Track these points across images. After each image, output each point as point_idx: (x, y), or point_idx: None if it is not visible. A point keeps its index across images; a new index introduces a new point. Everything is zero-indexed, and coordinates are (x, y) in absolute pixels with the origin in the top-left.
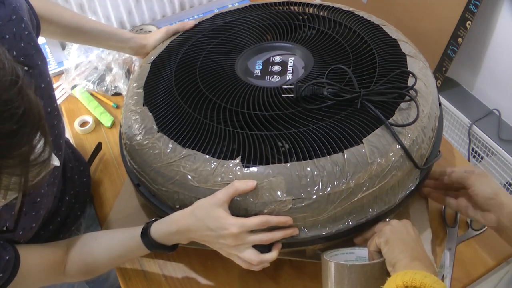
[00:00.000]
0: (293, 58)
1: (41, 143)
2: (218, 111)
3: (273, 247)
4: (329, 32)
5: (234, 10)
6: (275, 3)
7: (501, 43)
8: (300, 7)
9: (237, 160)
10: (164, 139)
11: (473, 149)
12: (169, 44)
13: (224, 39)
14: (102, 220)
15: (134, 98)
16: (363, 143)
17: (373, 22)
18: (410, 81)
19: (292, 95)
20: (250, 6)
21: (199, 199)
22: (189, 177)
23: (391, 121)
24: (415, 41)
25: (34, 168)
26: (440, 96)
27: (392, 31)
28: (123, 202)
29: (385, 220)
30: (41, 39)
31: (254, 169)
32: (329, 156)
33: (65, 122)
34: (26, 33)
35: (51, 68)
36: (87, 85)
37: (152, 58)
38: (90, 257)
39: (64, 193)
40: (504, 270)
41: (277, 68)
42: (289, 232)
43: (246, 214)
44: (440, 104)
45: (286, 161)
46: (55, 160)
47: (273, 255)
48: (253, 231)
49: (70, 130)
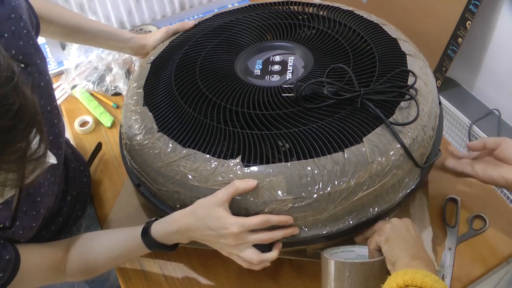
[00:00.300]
0: (293, 58)
1: (36, 139)
2: (218, 110)
3: (273, 246)
4: (329, 32)
5: (234, 10)
6: (275, 3)
7: (501, 43)
8: (300, 7)
9: (238, 160)
10: (164, 139)
11: None
12: (169, 44)
13: (224, 39)
14: (102, 220)
15: (134, 98)
16: (363, 142)
17: (372, 22)
18: (410, 80)
19: (292, 94)
20: (250, 6)
21: (199, 198)
22: (190, 176)
23: (391, 120)
24: (415, 41)
25: (29, 164)
26: (440, 96)
27: (392, 30)
28: (123, 202)
29: (385, 218)
30: (41, 39)
31: (254, 168)
32: (329, 155)
33: (65, 122)
34: (25, 31)
35: (51, 68)
36: (87, 85)
37: (152, 58)
38: (90, 256)
39: (66, 193)
40: (504, 270)
41: (277, 67)
42: (290, 232)
43: (247, 213)
44: (440, 103)
45: (287, 160)
46: (51, 158)
47: (273, 254)
48: (254, 230)
49: (70, 130)
